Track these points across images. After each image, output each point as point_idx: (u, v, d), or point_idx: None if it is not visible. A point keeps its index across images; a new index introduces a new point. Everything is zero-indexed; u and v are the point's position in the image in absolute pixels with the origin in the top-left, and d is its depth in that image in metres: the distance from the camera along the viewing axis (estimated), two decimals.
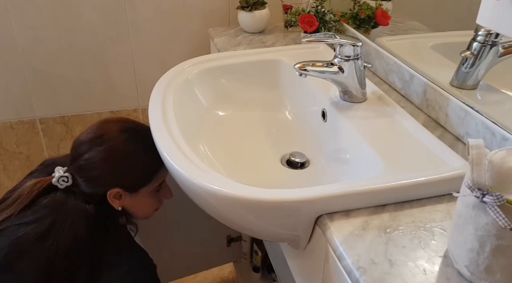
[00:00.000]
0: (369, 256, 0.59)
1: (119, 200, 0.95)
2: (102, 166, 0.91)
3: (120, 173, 0.93)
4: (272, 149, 0.98)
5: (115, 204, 0.95)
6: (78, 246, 0.89)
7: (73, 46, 1.53)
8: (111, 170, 0.92)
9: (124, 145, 0.93)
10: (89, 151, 0.92)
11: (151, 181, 0.96)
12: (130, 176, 0.94)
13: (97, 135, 0.93)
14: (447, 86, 0.87)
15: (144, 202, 0.99)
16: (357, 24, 1.20)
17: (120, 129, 0.94)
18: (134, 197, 0.96)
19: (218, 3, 1.57)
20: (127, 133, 0.94)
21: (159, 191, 1.01)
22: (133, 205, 0.98)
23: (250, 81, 1.12)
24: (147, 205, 1.00)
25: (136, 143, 0.93)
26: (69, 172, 0.94)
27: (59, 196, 0.93)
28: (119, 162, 0.93)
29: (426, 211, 0.67)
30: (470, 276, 0.54)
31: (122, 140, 0.93)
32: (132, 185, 0.95)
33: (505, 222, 0.48)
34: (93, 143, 0.92)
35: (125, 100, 1.67)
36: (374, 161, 0.74)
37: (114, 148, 0.92)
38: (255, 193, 0.66)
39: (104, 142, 0.92)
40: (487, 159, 0.51)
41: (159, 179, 0.98)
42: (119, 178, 0.93)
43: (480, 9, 0.65)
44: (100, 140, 0.92)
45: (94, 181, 0.93)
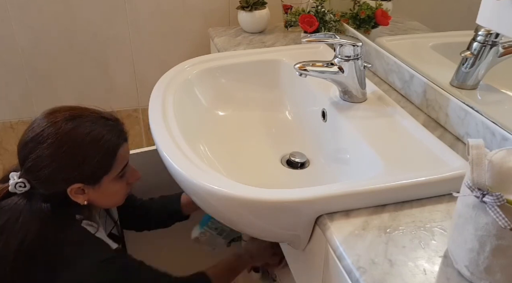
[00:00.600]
0: (369, 256, 0.59)
1: (83, 195, 0.87)
2: (51, 163, 0.83)
3: (74, 166, 0.84)
4: (272, 149, 0.98)
5: (79, 200, 0.87)
6: (29, 246, 0.84)
7: (73, 46, 1.53)
8: (62, 166, 0.83)
9: (70, 136, 0.83)
10: (34, 151, 0.83)
11: (111, 168, 0.87)
12: (86, 168, 0.84)
13: (35, 133, 0.84)
14: (447, 86, 0.87)
15: (110, 191, 0.91)
16: (357, 24, 1.20)
17: (58, 122, 0.84)
18: (98, 189, 0.88)
19: (218, 3, 1.57)
20: (70, 122, 0.84)
21: (125, 176, 0.92)
22: (100, 197, 0.90)
23: (250, 81, 1.12)
24: (115, 192, 0.92)
25: (83, 130, 0.84)
26: (23, 177, 0.86)
27: (14, 199, 0.87)
28: (69, 155, 0.83)
29: (426, 211, 0.67)
30: (470, 276, 0.54)
31: (67, 131, 0.83)
32: (91, 176, 0.86)
33: (505, 222, 0.48)
34: (36, 141, 0.83)
35: (125, 100, 1.67)
36: (374, 161, 0.74)
37: (59, 142, 0.83)
38: (255, 193, 0.66)
39: (48, 137, 0.83)
40: (487, 159, 0.51)
41: (119, 164, 0.88)
42: (74, 172, 0.84)
43: (480, 9, 0.65)
44: (42, 136, 0.83)
45: (48, 181, 0.85)
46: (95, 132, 0.85)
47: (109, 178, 0.88)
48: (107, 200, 0.94)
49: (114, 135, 0.87)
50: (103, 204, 0.94)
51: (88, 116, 0.87)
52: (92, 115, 0.88)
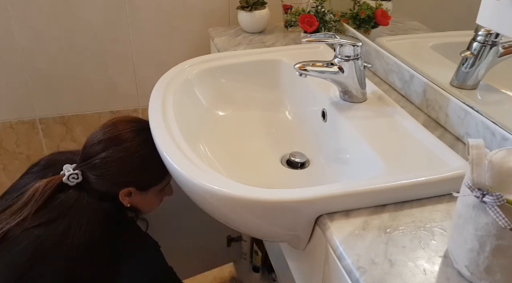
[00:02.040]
0: (369, 256, 0.59)
1: (129, 198, 0.98)
2: (118, 165, 0.94)
3: (135, 173, 0.96)
4: (272, 149, 0.98)
5: (124, 202, 0.98)
6: (96, 244, 0.92)
7: (73, 46, 1.53)
8: (127, 170, 0.95)
9: (140, 147, 0.96)
10: (105, 151, 0.94)
11: (162, 180, 1.00)
12: (145, 177, 0.98)
13: (113, 135, 0.96)
14: (447, 86, 0.87)
15: (150, 200, 1.03)
16: (357, 24, 1.20)
17: (135, 131, 0.97)
18: (142, 196, 1.00)
19: (218, 3, 1.57)
20: (142, 135, 0.96)
21: (164, 189, 1.05)
22: (140, 203, 1.01)
23: (250, 81, 1.12)
24: (152, 202, 1.04)
25: (151, 144, 0.92)
26: (79, 169, 0.96)
27: (72, 194, 0.94)
28: (135, 163, 0.96)
29: (426, 211, 0.67)
30: (470, 276, 0.54)
31: (139, 141, 0.96)
32: (144, 184, 0.99)
33: (505, 222, 0.48)
34: (109, 143, 0.95)
35: (125, 100, 1.67)
36: (374, 161, 0.74)
37: (131, 149, 0.95)
38: (255, 193, 0.66)
39: (121, 143, 0.95)
40: (487, 159, 0.51)
41: (167, 179, 1.02)
42: (133, 177, 0.97)
43: (480, 9, 0.65)
44: (116, 140, 0.95)
45: (109, 179, 0.96)
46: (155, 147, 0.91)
47: (155, 189, 1.01)
48: (144, 207, 1.04)
49: None
50: (139, 209, 1.04)
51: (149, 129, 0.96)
52: None
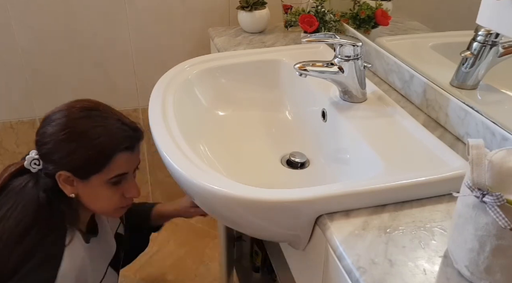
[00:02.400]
0: (369, 256, 0.59)
1: (71, 187, 0.89)
2: (50, 141, 0.86)
3: (67, 152, 0.86)
4: (272, 149, 0.98)
5: (66, 190, 0.89)
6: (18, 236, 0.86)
7: (73, 46, 1.53)
8: (57, 147, 0.86)
9: (77, 124, 0.86)
10: (43, 127, 0.88)
11: (102, 169, 0.87)
12: (78, 157, 0.86)
13: (55, 111, 0.88)
14: (447, 86, 0.87)
15: (98, 194, 0.90)
16: (357, 24, 1.20)
17: (81, 108, 0.88)
18: (86, 185, 0.88)
19: (218, 3, 1.57)
20: (82, 112, 0.87)
21: (119, 185, 0.92)
22: (86, 195, 0.90)
23: (250, 81, 1.12)
24: (103, 198, 0.91)
25: (91, 124, 0.86)
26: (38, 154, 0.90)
27: (22, 179, 0.90)
28: (67, 140, 0.86)
29: (426, 211, 0.67)
30: (470, 276, 0.54)
31: (77, 118, 0.86)
32: (81, 169, 0.87)
33: (505, 222, 0.48)
34: (49, 119, 0.88)
35: (125, 100, 1.67)
36: (374, 161, 0.74)
37: (65, 125, 0.86)
38: (255, 193, 0.66)
39: (58, 118, 0.87)
40: (487, 159, 0.51)
41: (114, 170, 0.88)
42: (66, 157, 0.86)
43: (480, 9, 0.65)
44: (55, 116, 0.87)
45: (45, 158, 0.88)
46: (99, 129, 0.86)
47: (99, 179, 0.88)
48: (95, 202, 0.92)
49: (119, 139, 0.87)
50: (91, 205, 0.93)
51: (104, 112, 0.89)
52: (109, 113, 0.89)
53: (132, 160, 0.92)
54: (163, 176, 1.85)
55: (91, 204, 0.93)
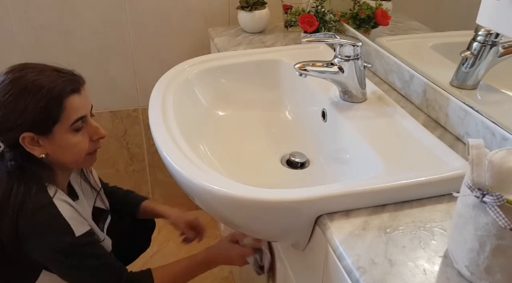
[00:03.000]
0: (369, 256, 0.59)
1: (39, 147, 0.88)
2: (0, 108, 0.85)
3: (18, 112, 0.85)
4: (272, 149, 0.98)
5: (36, 152, 0.88)
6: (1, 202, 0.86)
7: (73, 46, 1.53)
8: (7, 112, 0.85)
9: (17, 83, 0.86)
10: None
11: (60, 117, 0.87)
12: (29, 115, 0.85)
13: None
14: (447, 86, 0.87)
15: (66, 144, 0.90)
16: (357, 24, 1.20)
17: (13, 69, 0.88)
18: (51, 140, 0.88)
19: (218, 3, 1.57)
20: (18, 72, 0.87)
21: (83, 130, 0.92)
22: (55, 150, 0.90)
23: (250, 81, 1.12)
24: (72, 146, 0.91)
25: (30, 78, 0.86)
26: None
27: None
28: (13, 101, 0.85)
29: (426, 211, 0.67)
30: (470, 276, 0.54)
31: (14, 78, 0.86)
32: (40, 124, 0.86)
33: (505, 222, 0.48)
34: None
35: (125, 100, 1.67)
36: (374, 161, 0.74)
37: (6, 88, 0.85)
38: (255, 193, 0.66)
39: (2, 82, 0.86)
40: (487, 159, 0.51)
41: (71, 114, 0.88)
42: (19, 118, 0.85)
43: (480, 9, 0.65)
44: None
45: (2, 128, 0.87)
46: (41, 80, 0.87)
47: (62, 128, 0.88)
48: (65, 154, 0.91)
49: (61, 84, 0.88)
50: (63, 159, 0.92)
51: (39, 67, 0.90)
52: (44, 67, 0.90)
53: (84, 102, 0.91)
54: (163, 176, 1.85)
55: (63, 157, 0.92)
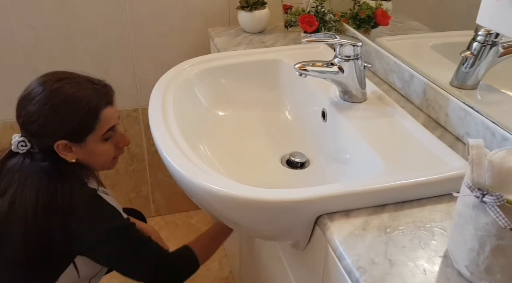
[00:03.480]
0: (369, 256, 0.59)
1: (71, 153, 0.93)
2: (38, 118, 0.90)
3: (57, 122, 0.90)
4: (272, 149, 0.98)
5: (68, 157, 0.93)
6: (44, 203, 0.89)
7: (73, 46, 1.53)
8: (47, 121, 0.90)
9: (57, 94, 0.90)
10: (25, 108, 0.92)
11: (94, 128, 0.92)
12: (68, 125, 0.90)
13: (29, 90, 0.92)
14: (447, 86, 0.87)
15: (97, 151, 0.96)
16: (357, 24, 1.20)
17: (44, 82, 0.92)
18: (84, 148, 0.94)
19: (218, 3, 1.57)
20: (56, 83, 0.91)
21: (112, 139, 0.98)
22: (87, 157, 0.95)
23: (250, 81, 1.12)
24: (102, 153, 0.97)
25: (69, 90, 0.90)
26: (23, 136, 0.94)
27: (16, 160, 0.94)
28: (53, 111, 0.90)
29: (426, 211, 0.67)
30: (470, 276, 0.54)
31: (54, 89, 0.91)
32: (75, 134, 0.92)
33: (505, 222, 0.48)
34: (26, 99, 0.92)
35: (125, 100, 1.67)
36: (374, 161, 0.74)
37: (48, 99, 0.90)
38: (255, 193, 0.66)
39: (36, 95, 0.91)
40: (487, 159, 0.51)
41: (103, 125, 0.93)
42: (57, 128, 0.90)
43: (480, 9, 0.65)
44: (31, 94, 0.91)
45: (37, 135, 0.92)
46: (79, 93, 0.91)
47: (94, 138, 0.94)
48: (95, 160, 0.98)
49: (98, 97, 0.92)
50: (92, 164, 0.98)
51: (74, 78, 0.94)
52: (79, 78, 0.94)
53: (115, 113, 0.97)
54: (163, 176, 1.85)
55: (92, 162, 0.98)
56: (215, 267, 1.72)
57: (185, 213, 1.96)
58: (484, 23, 0.66)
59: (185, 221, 1.93)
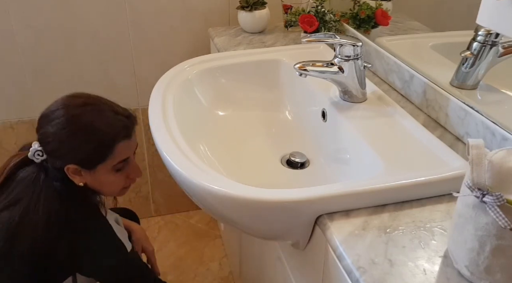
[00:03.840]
0: (369, 256, 0.59)
1: (80, 177, 0.94)
2: (53, 140, 0.91)
3: (70, 148, 0.91)
4: (272, 149, 0.98)
5: (76, 180, 0.94)
6: (54, 220, 0.91)
7: (73, 46, 1.53)
8: (61, 145, 0.91)
9: (76, 120, 0.90)
10: (44, 125, 0.92)
11: (106, 159, 0.93)
12: (82, 151, 0.91)
13: (52, 109, 0.92)
14: (447, 86, 0.87)
15: (106, 180, 0.96)
16: (357, 24, 1.20)
17: (77, 104, 0.92)
18: (93, 174, 0.94)
19: (218, 3, 1.57)
20: (79, 108, 0.91)
21: (123, 170, 0.97)
22: (95, 183, 0.96)
23: (250, 81, 1.12)
24: (110, 183, 0.97)
25: (89, 118, 0.91)
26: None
27: (30, 170, 0.94)
28: (69, 137, 0.90)
29: (426, 211, 0.67)
30: (470, 276, 0.54)
31: (75, 114, 0.91)
32: (86, 161, 0.92)
33: (505, 222, 0.48)
34: (48, 118, 0.92)
35: (125, 100, 1.66)
36: (374, 161, 0.74)
37: (66, 123, 0.90)
38: (255, 193, 0.66)
39: (57, 117, 0.91)
40: (487, 159, 0.51)
41: (116, 157, 0.93)
42: (70, 153, 0.91)
43: (480, 9, 0.65)
44: (54, 114, 0.91)
45: (50, 155, 0.93)
46: (97, 123, 0.91)
47: (105, 167, 0.94)
48: (103, 188, 0.98)
49: (117, 129, 0.92)
50: (98, 190, 0.99)
51: (99, 105, 0.94)
52: (103, 106, 0.94)
53: (131, 146, 0.96)
54: (163, 176, 1.85)
55: (100, 189, 0.98)
56: (215, 267, 1.72)
57: (185, 213, 1.96)
58: (484, 23, 0.66)
59: (185, 221, 1.93)
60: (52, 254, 0.91)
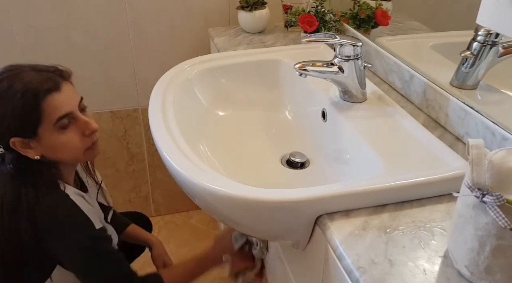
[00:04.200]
0: (369, 256, 0.59)
1: (31, 150, 0.88)
2: None
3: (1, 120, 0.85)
4: (272, 149, 0.98)
5: (30, 155, 0.88)
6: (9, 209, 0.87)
7: (73, 46, 1.53)
8: None
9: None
10: None
11: (40, 119, 0.85)
12: (12, 119, 0.84)
13: None
14: (447, 86, 0.87)
15: (57, 143, 0.88)
16: (357, 24, 1.20)
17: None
18: (40, 141, 0.87)
19: (218, 3, 1.57)
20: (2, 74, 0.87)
21: (72, 127, 0.90)
22: (49, 151, 0.89)
23: (250, 81, 1.12)
24: (64, 145, 0.89)
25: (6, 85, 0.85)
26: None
27: None
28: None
29: (426, 211, 0.67)
30: (470, 276, 0.54)
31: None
32: (22, 128, 0.85)
33: (505, 222, 0.48)
34: None
35: (125, 100, 1.67)
36: (374, 161, 0.74)
37: None
38: (255, 193, 0.66)
39: None
40: (487, 159, 0.51)
41: (51, 114, 0.86)
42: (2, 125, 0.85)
43: (480, 9, 0.65)
44: None
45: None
46: (13, 86, 0.85)
47: (47, 129, 0.86)
48: (59, 154, 0.90)
49: (36, 86, 0.85)
50: (60, 158, 0.92)
51: (16, 69, 0.88)
52: (22, 68, 0.89)
53: (66, 99, 0.88)
54: (163, 176, 1.85)
55: (59, 156, 0.91)
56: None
57: (185, 213, 1.96)
58: (484, 23, 0.66)
59: (185, 221, 1.93)
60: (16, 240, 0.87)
